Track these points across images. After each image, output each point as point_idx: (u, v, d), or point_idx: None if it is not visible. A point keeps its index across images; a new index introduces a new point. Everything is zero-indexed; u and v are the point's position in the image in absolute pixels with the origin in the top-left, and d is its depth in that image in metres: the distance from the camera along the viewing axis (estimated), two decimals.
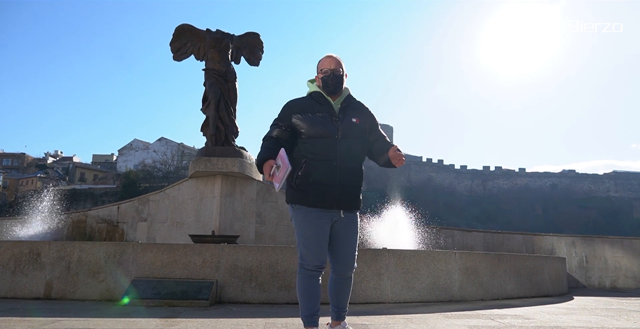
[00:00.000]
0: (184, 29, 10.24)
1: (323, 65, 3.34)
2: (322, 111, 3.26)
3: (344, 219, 3.25)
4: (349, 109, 3.33)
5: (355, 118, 3.30)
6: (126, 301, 5.24)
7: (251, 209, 9.98)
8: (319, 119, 3.23)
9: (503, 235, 11.94)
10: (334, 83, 3.31)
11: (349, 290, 3.34)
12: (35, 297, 5.69)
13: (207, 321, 4.19)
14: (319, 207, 3.18)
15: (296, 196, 3.23)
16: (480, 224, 70.64)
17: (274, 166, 3.07)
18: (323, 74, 3.32)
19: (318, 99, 3.31)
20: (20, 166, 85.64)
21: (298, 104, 3.32)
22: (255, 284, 5.71)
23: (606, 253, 11.61)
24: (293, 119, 3.26)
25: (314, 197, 3.17)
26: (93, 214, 10.97)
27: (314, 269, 3.17)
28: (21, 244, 6.12)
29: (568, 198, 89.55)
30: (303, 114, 3.25)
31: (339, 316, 3.32)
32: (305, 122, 3.23)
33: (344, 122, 3.25)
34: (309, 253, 3.16)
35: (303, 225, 3.21)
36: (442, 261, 6.43)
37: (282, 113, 3.33)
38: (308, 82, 3.46)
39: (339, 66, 3.33)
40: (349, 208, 3.25)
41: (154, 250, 5.85)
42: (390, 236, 9.08)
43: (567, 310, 5.73)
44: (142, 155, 79.95)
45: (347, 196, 3.21)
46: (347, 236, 3.26)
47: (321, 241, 3.17)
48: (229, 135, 9.83)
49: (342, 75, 3.34)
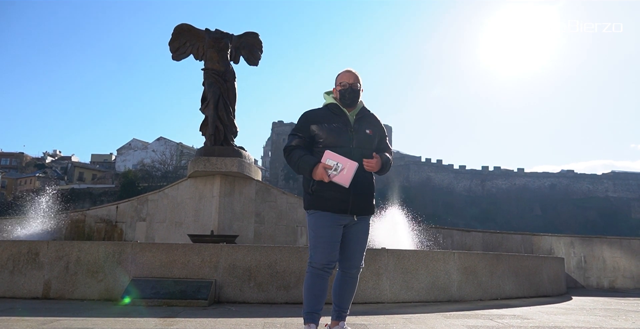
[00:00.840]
0: (183, 28, 10.24)
1: (342, 78, 3.49)
2: (338, 122, 3.42)
3: (357, 223, 3.40)
4: (364, 121, 3.49)
5: (369, 130, 3.46)
6: (127, 300, 5.24)
7: (250, 209, 9.97)
8: (335, 129, 3.38)
9: (502, 235, 11.95)
10: (351, 97, 3.46)
11: (352, 290, 3.44)
12: (33, 297, 5.68)
13: (205, 320, 4.19)
14: (335, 212, 3.31)
15: (312, 202, 3.37)
16: (479, 224, 70.74)
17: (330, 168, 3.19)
18: (342, 87, 3.46)
19: (334, 110, 3.47)
20: (18, 165, 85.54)
21: (315, 115, 3.47)
22: (254, 284, 5.71)
23: (604, 253, 11.62)
24: (311, 128, 3.41)
25: (330, 204, 3.30)
26: (92, 213, 10.96)
27: (322, 268, 3.27)
28: (20, 244, 6.11)
29: (567, 198, 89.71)
30: (320, 124, 3.40)
31: (339, 316, 3.40)
32: (322, 132, 3.38)
33: (358, 132, 3.41)
34: (318, 252, 3.29)
35: (315, 227, 3.35)
36: (441, 261, 6.44)
37: (300, 123, 3.48)
38: (324, 94, 3.60)
39: (357, 81, 3.49)
40: (361, 213, 3.40)
41: (152, 250, 5.84)
42: (389, 236, 9.08)
43: (566, 310, 5.74)
44: (140, 155, 79.91)
45: (361, 203, 3.36)
46: (358, 237, 3.42)
47: (332, 242, 3.30)
48: (228, 135, 9.82)
49: (359, 90, 3.50)
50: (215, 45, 9.91)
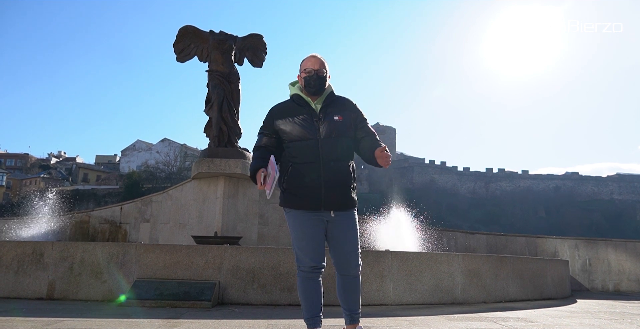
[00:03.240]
0: (187, 30, 10.27)
1: (306, 65, 3.27)
2: (302, 113, 3.23)
3: (336, 219, 3.20)
4: (331, 107, 3.27)
5: (338, 116, 3.24)
6: (122, 299, 5.23)
7: (254, 211, 9.98)
8: (299, 122, 3.21)
9: (506, 237, 11.92)
10: (317, 84, 3.24)
11: (357, 291, 3.24)
12: (38, 297, 5.70)
13: (209, 322, 4.19)
14: (308, 210, 3.17)
15: (285, 200, 3.25)
16: (483, 227, 70.43)
17: (262, 174, 3.07)
18: (306, 73, 3.25)
19: (298, 101, 3.28)
20: (23, 166, 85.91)
21: (280, 109, 3.31)
22: (257, 285, 5.71)
23: (609, 256, 11.56)
24: (275, 124, 3.26)
25: (301, 200, 3.16)
26: (96, 214, 11.00)
27: (310, 271, 3.15)
28: (24, 245, 6.13)
29: (571, 201, 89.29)
30: (284, 118, 3.24)
31: (352, 319, 3.22)
32: (286, 127, 3.23)
33: (324, 121, 3.21)
34: (303, 255, 3.17)
35: (295, 228, 3.21)
36: (445, 264, 6.42)
37: (266, 120, 3.33)
38: (289, 85, 3.40)
39: (323, 67, 3.27)
40: (338, 208, 3.20)
41: (156, 251, 5.86)
42: (393, 238, 9.08)
43: (570, 313, 5.71)
44: (145, 156, 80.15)
45: (335, 196, 3.16)
46: (342, 235, 3.21)
47: (314, 242, 3.15)
48: (232, 136, 9.84)
49: (325, 77, 3.28)
50: (219, 47, 9.94)
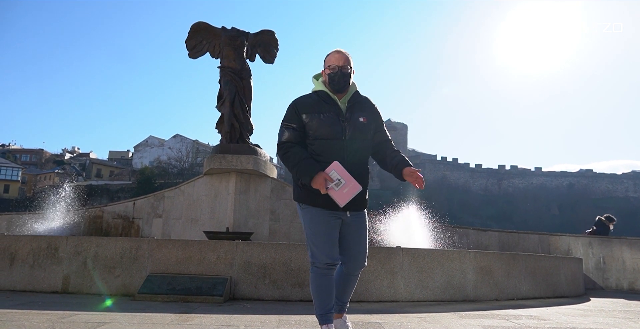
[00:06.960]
0: (199, 26, 10.29)
1: (331, 61, 3.23)
2: (328, 111, 3.19)
3: (352, 219, 3.25)
4: (356, 108, 3.25)
5: (363, 117, 3.23)
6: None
7: (265, 207, 10.01)
8: (325, 120, 3.16)
9: (518, 235, 11.81)
10: (341, 81, 3.21)
11: (354, 285, 3.43)
12: (53, 291, 5.78)
13: (221, 317, 4.22)
14: (327, 208, 3.18)
15: (303, 196, 3.24)
16: (495, 224, 70.02)
17: (326, 179, 3.05)
18: (331, 70, 3.21)
19: (324, 98, 3.23)
20: (38, 161, 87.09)
21: (304, 104, 3.24)
22: (268, 281, 5.73)
23: (624, 254, 11.41)
24: (302, 118, 3.20)
25: (322, 200, 3.15)
26: (109, 209, 11.10)
27: (326, 267, 3.18)
28: (39, 239, 6.22)
29: (585, 198, 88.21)
30: (310, 113, 3.19)
31: (341, 309, 3.40)
32: (312, 123, 3.17)
33: (351, 122, 3.19)
34: (319, 251, 3.18)
35: (312, 224, 3.24)
36: (457, 261, 6.39)
37: (291, 113, 3.24)
38: (313, 78, 3.37)
39: (347, 63, 3.22)
40: (355, 209, 3.24)
41: (169, 246, 5.90)
42: (405, 235, 9.05)
43: (584, 312, 5.66)
44: (157, 152, 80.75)
45: (354, 198, 3.15)
46: (356, 235, 3.28)
47: (330, 239, 3.19)
48: (243, 132, 9.87)
49: (349, 73, 3.24)
50: (231, 43, 9.95)
